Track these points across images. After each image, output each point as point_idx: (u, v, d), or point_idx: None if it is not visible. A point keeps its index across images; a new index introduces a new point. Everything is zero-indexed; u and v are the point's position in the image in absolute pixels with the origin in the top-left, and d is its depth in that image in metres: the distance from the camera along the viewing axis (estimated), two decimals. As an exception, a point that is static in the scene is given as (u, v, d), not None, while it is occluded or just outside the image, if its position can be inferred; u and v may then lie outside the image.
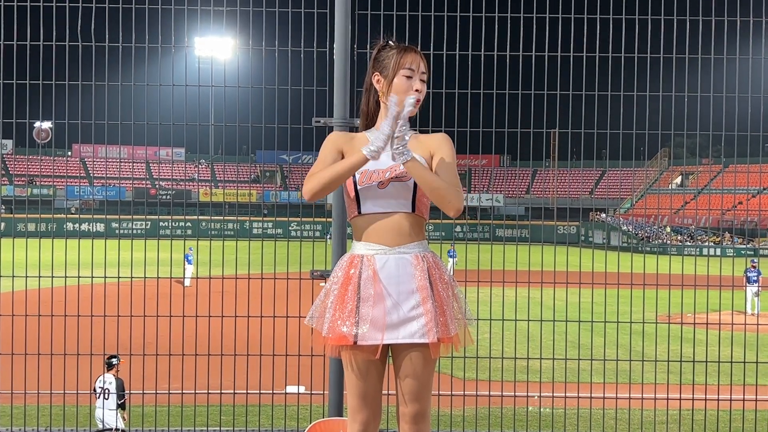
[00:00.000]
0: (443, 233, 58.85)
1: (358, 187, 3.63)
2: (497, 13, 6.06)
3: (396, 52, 3.73)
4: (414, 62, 3.70)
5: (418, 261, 3.62)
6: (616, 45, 6.19)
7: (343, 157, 3.66)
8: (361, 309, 3.55)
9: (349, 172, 3.51)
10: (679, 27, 6.25)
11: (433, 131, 3.92)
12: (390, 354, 3.68)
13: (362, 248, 3.65)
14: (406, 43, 3.92)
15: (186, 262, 28.29)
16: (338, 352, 3.62)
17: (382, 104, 3.76)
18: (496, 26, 6.04)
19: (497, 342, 13.91)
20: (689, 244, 60.62)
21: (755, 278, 25.02)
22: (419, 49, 3.83)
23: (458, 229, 60.47)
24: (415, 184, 3.60)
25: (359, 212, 3.67)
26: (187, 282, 23.32)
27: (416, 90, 3.66)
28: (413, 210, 3.66)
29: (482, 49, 6.11)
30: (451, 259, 35.57)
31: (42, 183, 73.09)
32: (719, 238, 62.06)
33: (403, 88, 3.65)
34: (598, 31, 6.13)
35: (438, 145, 3.74)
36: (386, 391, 3.87)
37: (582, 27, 6.06)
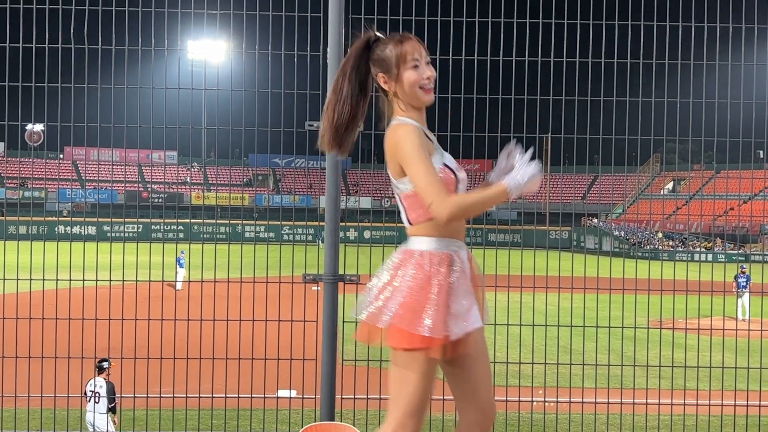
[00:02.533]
0: (435, 238, 58.68)
1: (460, 188, 3.65)
2: (491, 18, 6.07)
3: (393, 46, 3.62)
4: (415, 50, 3.62)
5: (470, 254, 3.74)
6: (609, 50, 6.21)
7: None
8: (455, 305, 3.52)
9: (490, 206, 3.48)
10: (671, 33, 6.27)
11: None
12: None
13: (449, 245, 3.61)
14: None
15: (177, 266, 28.23)
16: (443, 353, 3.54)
17: (395, 103, 3.68)
18: (489, 31, 6.05)
19: (489, 347, 13.84)
20: (681, 249, 60.76)
21: (744, 283, 25.11)
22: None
23: (450, 233, 60.39)
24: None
25: None
26: (178, 285, 23.28)
27: (427, 78, 3.62)
28: None
29: (475, 54, 6.12)
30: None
31: (34, 186, 72.85)
32: (710, 244, 62.25)
33: (413, 81, 3.60)
34: (591, 37, 6.14)
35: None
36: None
37: (575, 32, 6.08)
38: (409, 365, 3.52)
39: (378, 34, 3.71)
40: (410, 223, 3.67)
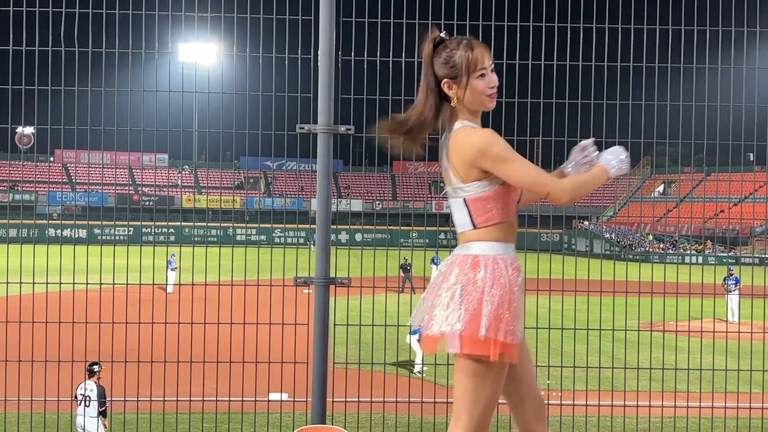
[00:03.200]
0: (427, 240, 58.93)
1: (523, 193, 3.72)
2: (481, 21, 6.08)
3: (462, 52, 3.60)
4: (484, 58, 3.62)
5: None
6: (599, 53, 6.22)
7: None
8: (521, 309, 3.61)
9: (597, 185, 3.67)
10: (661, 36, 6.29)
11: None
12: None
13: (508, 250, 3.66)
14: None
15: (168, 269, 28.17)
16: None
17: (458, 108, 3.68)
18: (480, 34, 6.06)
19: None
20: (671, 252, 60.94)
21: (733, 285, 25.20)
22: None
23: (442, 236, 60.48)
24: None
25: (505, 218, 3.67)
26: (169, 288, 23.20)
27: (492, 86, 3.64)
28: None
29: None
30: (434, 266, 35.61)
31: (24, 188, 72.60)
32: (701, 246, 62.42)
33: (481, 89, 3.62)
34: (581, 40, 6.16)
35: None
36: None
37: (566, 36, 6.09)
38: (483, 372, 3.53)
39: (442, 35, 3.69)
40: (475, 227, 3.65)
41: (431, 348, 3.64)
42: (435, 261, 35.66)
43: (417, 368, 16.41)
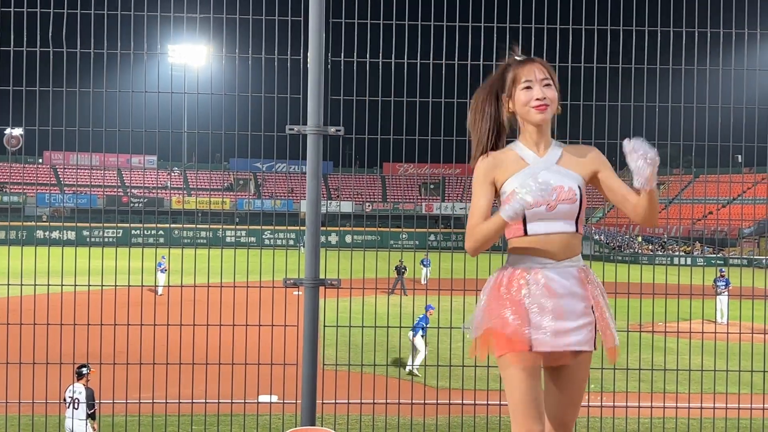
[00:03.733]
0: (417, 242, 58.95)
1: (527, 211, 3.63)
2: (470, 22, 6.08)
3: (512, 68, 3.78)
4: (530, 73, 3.71)
5: (581, 273, 3.76)
6: (588, 55, 6.23)
7: (495, 187, 3.73)
8: (535, 318, 3.61)
9: (496, 233, 3.60)
10: (650, 38, 6.31)
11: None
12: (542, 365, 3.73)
13: (529, 261, 3.69)
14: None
15: (158, 271, 28.05)
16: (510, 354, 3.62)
17: (521, 124, 3.82)
18: (470, 35, 6.07)
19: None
20: (660, 253, 61.14)
21: (723, 287, 25.28)
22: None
23: (432, 237, 60.49)
24: (581, 205, 3.71)
25: (525, 233, 3.70)
26: (159, 290, 23.11)
27: (537, 99, 3.68)
28: (576, 230, 3.76)
29: (455, 59, 6.13)
30: (424, 268, 35.62)
31: (12, 190, 72.30)
32: (690, 248, 62.66)
33: (523, 101, 3.71)
34: (570, 41, 6.17)
35: (601, 161, 3.85)
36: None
37: (555, 37, 6.10)
38: (502, 371, 3.70)
39: (518, 57, 3.84)
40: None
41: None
42: (424, 263, 35.67)
43: (412, 368, 16.29)
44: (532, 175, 3.58)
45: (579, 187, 3.71)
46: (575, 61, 6.28)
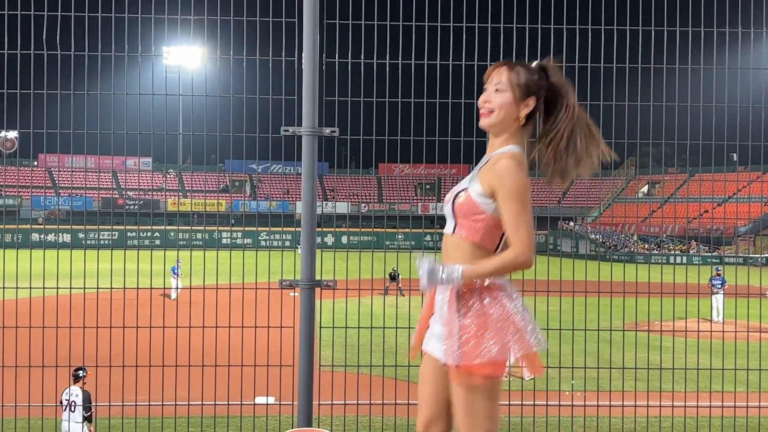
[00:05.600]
0: (413, 242, 58.97)
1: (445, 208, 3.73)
2: (465, 23, 6.09)
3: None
4: (489, 76, 3.72)
5: None
6: (583, 54, 6.24)
7: None
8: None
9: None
10: (644, 37, 6.32)
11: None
12: None
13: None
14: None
15: (172, 274, 27.79)
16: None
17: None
18: (464, 35, 6.07)
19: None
20: (656, 252, 61.21)
21: (719, 285, 25.33)
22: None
23: (428, 238, 60.58)
24: (454, 208, 3.70)
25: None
26: (173, 294, 22.66)
27: (480, 102, 3.69)
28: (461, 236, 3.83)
29: (450, 59, 6.14)
30: (420, 269, 35.53)
31: (7, 193, 72.15)
32: (685, 247, 62.76)
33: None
34: (564, 41, 6.18)
35: (499, 183, 3.56)
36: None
37: (549, 37, 6.11)
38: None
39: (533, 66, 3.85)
40: None
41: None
42: (421, 263, 35.62)
43: None
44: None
45: (468, 191, 3.66)
46: (569, 61, 6.28)
